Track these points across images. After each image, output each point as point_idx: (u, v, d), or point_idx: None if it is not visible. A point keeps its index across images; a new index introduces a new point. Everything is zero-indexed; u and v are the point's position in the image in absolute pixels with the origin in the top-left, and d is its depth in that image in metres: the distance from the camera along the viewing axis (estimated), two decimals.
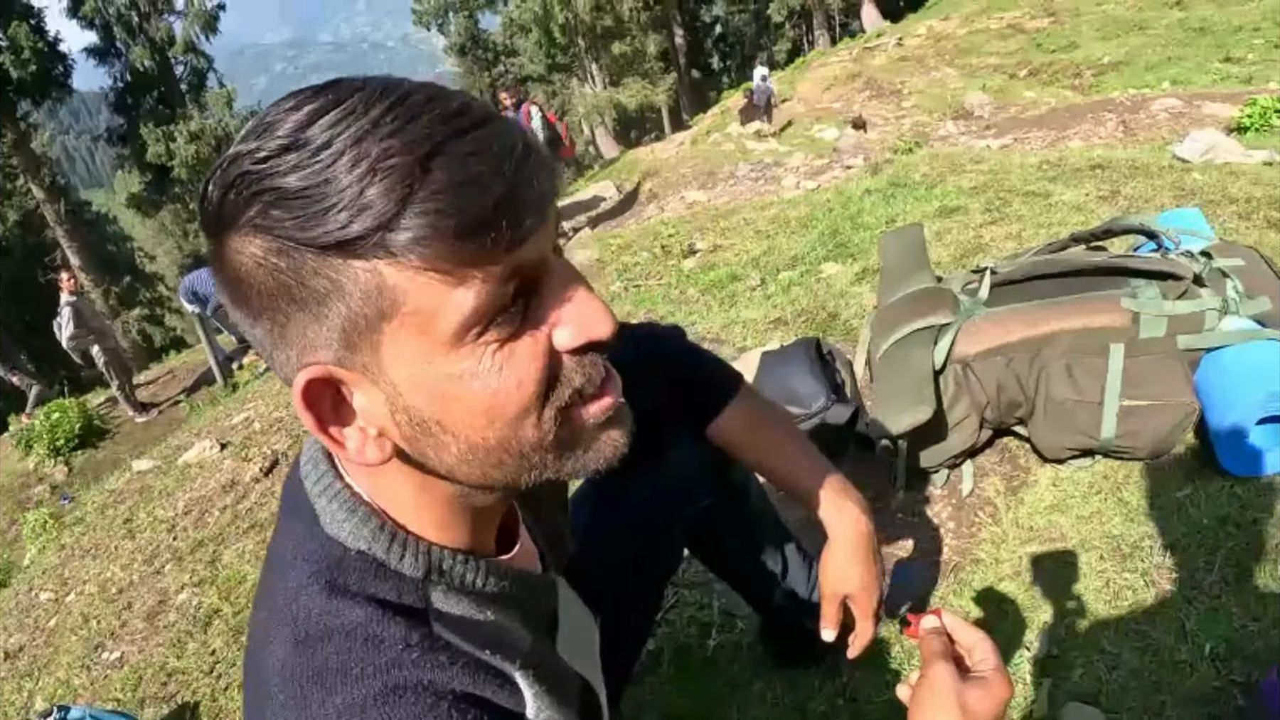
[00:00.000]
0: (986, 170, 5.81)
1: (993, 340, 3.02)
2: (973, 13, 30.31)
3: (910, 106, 20.17)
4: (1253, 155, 5.76)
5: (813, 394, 3.33)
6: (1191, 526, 2.64)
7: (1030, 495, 2.99)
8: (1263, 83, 13.00)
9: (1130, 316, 2.92)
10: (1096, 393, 2.91)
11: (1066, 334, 2.95)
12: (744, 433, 1.82)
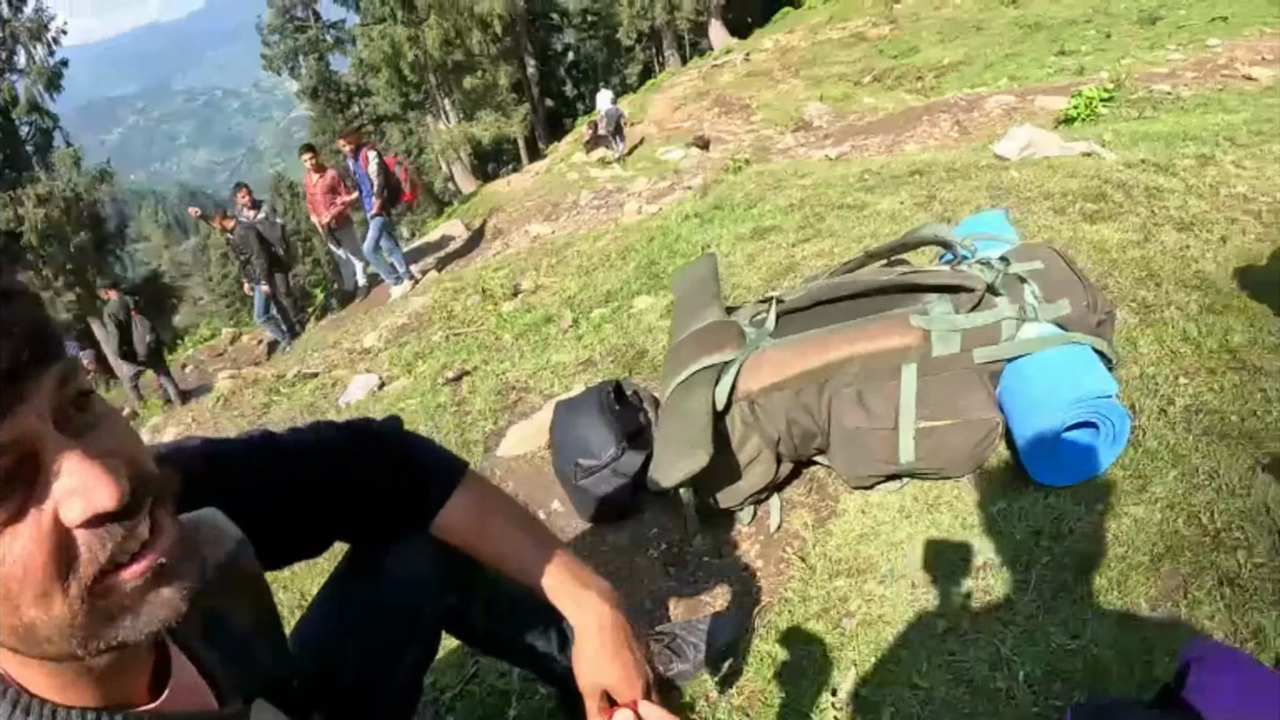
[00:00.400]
0: (809, 185, 5.65)
1: (778, 373, 2.83)
2: (817, 24, 30.76)
3: (758, 120, 20.26)
4: (1072, 148, 5.69)
5: (603, 443, 3.19)
6: (1005, 544, 2.57)
7: (839, 526, 2.86)
8: (1094, 72, 13.22)
9: (921, 334, 2.75)
10: (890, 417, 2.74)
11: (855, 359, 2.78)
12: (468, 527, 1.69)
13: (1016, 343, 2.76)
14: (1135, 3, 19.88)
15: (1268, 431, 2.82)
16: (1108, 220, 4.44)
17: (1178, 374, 3.17)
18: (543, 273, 6.56)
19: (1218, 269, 3.93)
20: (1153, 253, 4.09)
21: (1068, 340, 2.76)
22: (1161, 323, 3.49)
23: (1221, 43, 14.22)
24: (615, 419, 3.25)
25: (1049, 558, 2.48)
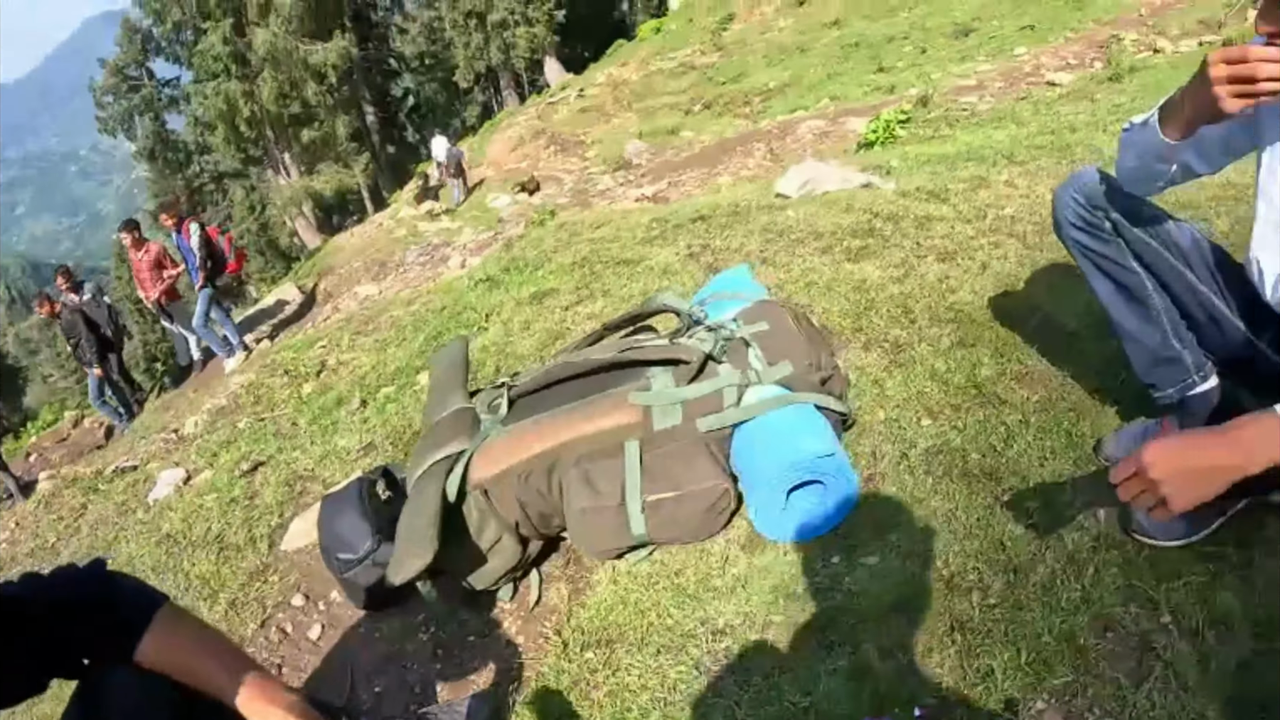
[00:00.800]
0: (598, 238, 5.64)
1: (506, 461, 2.83)
2: (648, 55, 31.03)
3: (592, 156, 20.37)
4: (851, 180, 5.75)
5: (359, 537, 3.14)
6: (744, 604, 2.58)
7: (593, 596, 2.86)
8: (904, 89, 13.53)
9: (641, 411, 2.78)
10: (617, 494, 2.76)
11: (579, 441, 2.80)
12: (166, 657, 1.83)
13: (740, 409, 2.79)
14: (950, 17, 20.39)
15: (1007, 467, 2.87)
16: (871, 257, 4.50)
17: (922, 415, 3.21)
18: (345, 347, 6.46)
19: (975, 298, 4.00)
20: (911, 288, 4.14)
21: (791, 401, 2.78)
22: (911, 361, 3.53)
23: (1028, 51, 14.67)
24: (373, 511, 3.21)
25: (785, 616, 2.50)
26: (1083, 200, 2.57)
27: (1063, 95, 10.02)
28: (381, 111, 51.24)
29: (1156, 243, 2.57)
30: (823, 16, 25.18)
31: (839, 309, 3.99)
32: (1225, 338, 2.61)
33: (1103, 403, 3.09)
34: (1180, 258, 2.61)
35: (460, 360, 3.42)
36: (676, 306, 3.12)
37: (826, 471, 2.64)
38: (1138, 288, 2.60)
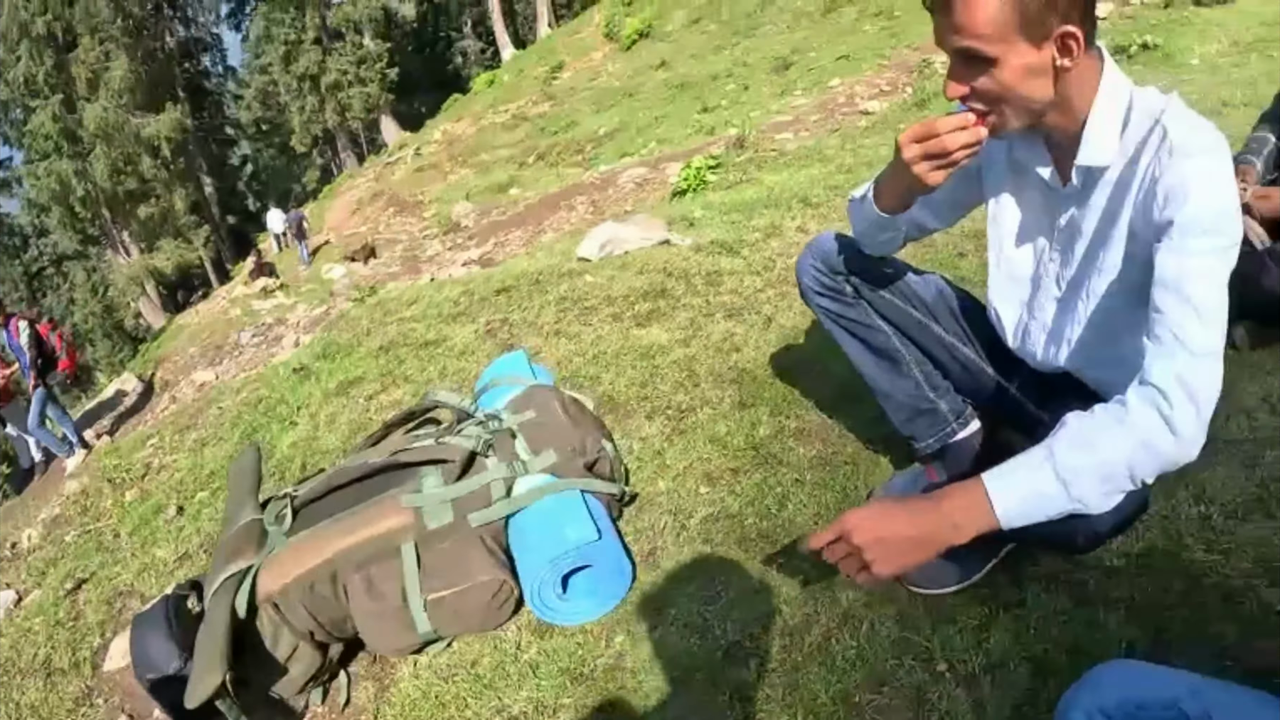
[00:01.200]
0: (408, 317, 5.64)
1: (291, 572, 2.81)
2: (480, 110, 31.02)
3: (430, 216, 20.27)
4: (650, 238, 5.83)
5: (166, 657, 3.05)
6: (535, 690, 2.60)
7: (398, 693, 2.83)
8: (724, 130, 13.68)
9: (413, 513, 2.81)
10: (398, 595, 2.77)
11: (357, 547, 2.80)
12: None
13: (509, 501, 2.85)
14: (771, 51, 20.68)
15: (783, 528, 2.95)
16: (660, 320, 4.60)
17: (700, 482, 3.27)
18: (169, 447, 6.35)
19: (758, 354, 4.10)
20: (697, 349, 4.23)
21: (558, 489, 2.85)
22: (692, 427, 3.60)
23: (842, 81, 14.95)
24: (180, 629, 3.16)
25: (573, 699, 2.52)
26: (822, 267, 2.65)
27: (870, 127, 10.27)
28: (220, 182, 50.51)
29: (899, 299, 2.66)
30: (650, 59, 25.41)
31: (625, 379, 4.07)
32: (979, 383, 2.71)
33: (877, 453, 3.19)
34: (925, 311, 2.70)
35: (251, 469, 3.42)
36: (448, 402, 3.19)
37: (593, 557, 2.71)
38: (886, 345, 2.69)
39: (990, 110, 1.91)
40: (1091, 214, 2.09)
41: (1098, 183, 2.04)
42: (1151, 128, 1.93)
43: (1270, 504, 2.74)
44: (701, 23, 25.59)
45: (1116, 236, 2.05)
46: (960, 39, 1.82)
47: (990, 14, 1.81)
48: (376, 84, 48.17)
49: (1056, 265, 2.25)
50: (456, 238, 12.70)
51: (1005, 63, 1.85)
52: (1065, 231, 2.18)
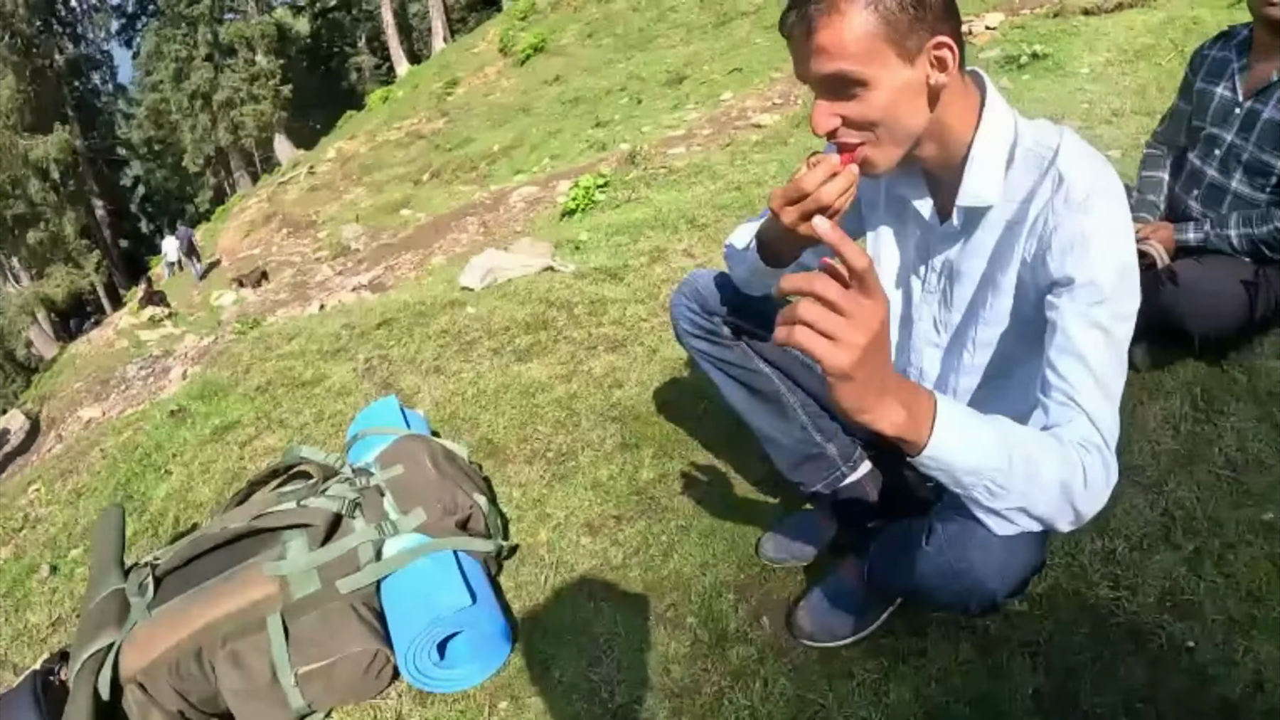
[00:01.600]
0: (288, 353, 5.47)
1: (154, 650, 2.68)
2: (375, 127, 30.73)
3: (324, 237, 20.01)
4: (533, 265, 5.76)
5: None
6: None
7: None
8: (616, 145, 13.62)
9: (278, 582, 2.69)
10: (267, 671, 2.65)
11: (221, 621, 2.68)
12: None
13: (378, 564, 2.74)
14: (664, 65, 20.68)
15: (670, 580, 2.90)
16: (541, 355, 4.52)
17: (582, 533, 3.20)
18: (45, 498, 6.10)
19: (641, 391, 4.03)
20: (578, 386, 4.16)
21: (430, 549, 2.75)
22: (573, 472, 3.53)
23: (734, 95, 14.98)
24: (49, 705, 3.02)
25: None
26: (696, 307, 2.56)
27: (761, 141, 10.25)
28: (111, 204, 49.50)
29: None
30: (544, 74, 25.34)
31: (505, 420, 3.99)
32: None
33: (766, 495, 3.17)
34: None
35: (114, 532, 3.26)
36: (312, 459, 3.08)
37: (467, 623, 2.62)
38: (769, 388, 2.60)
39: (864, 141, 1.80)
40: (974, 256, 2.01)
41: (981, 222, 1.97)
42: (1046, 169, 1.84)
43: (1175, 533, 2.74)
44: (596, 37, 25.57)
45: (1005, 285, 1.97)
46: (828, 63, 1.71)
47: (858, 31, 1.69)
48: (270, 101, 47.59)
49: (934, 308, 2.18)
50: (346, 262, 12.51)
51: (878, 83, 1.74)
52: (944, 272, 2.10)
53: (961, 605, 1.94)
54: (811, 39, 1.71)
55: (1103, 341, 1.79)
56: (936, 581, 1.89)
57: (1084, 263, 1.78)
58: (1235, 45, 3.64)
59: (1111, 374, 1.80)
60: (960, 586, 1.85)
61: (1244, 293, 3.37)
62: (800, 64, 1.76)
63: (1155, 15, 10.89)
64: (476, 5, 53.16)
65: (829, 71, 1.72)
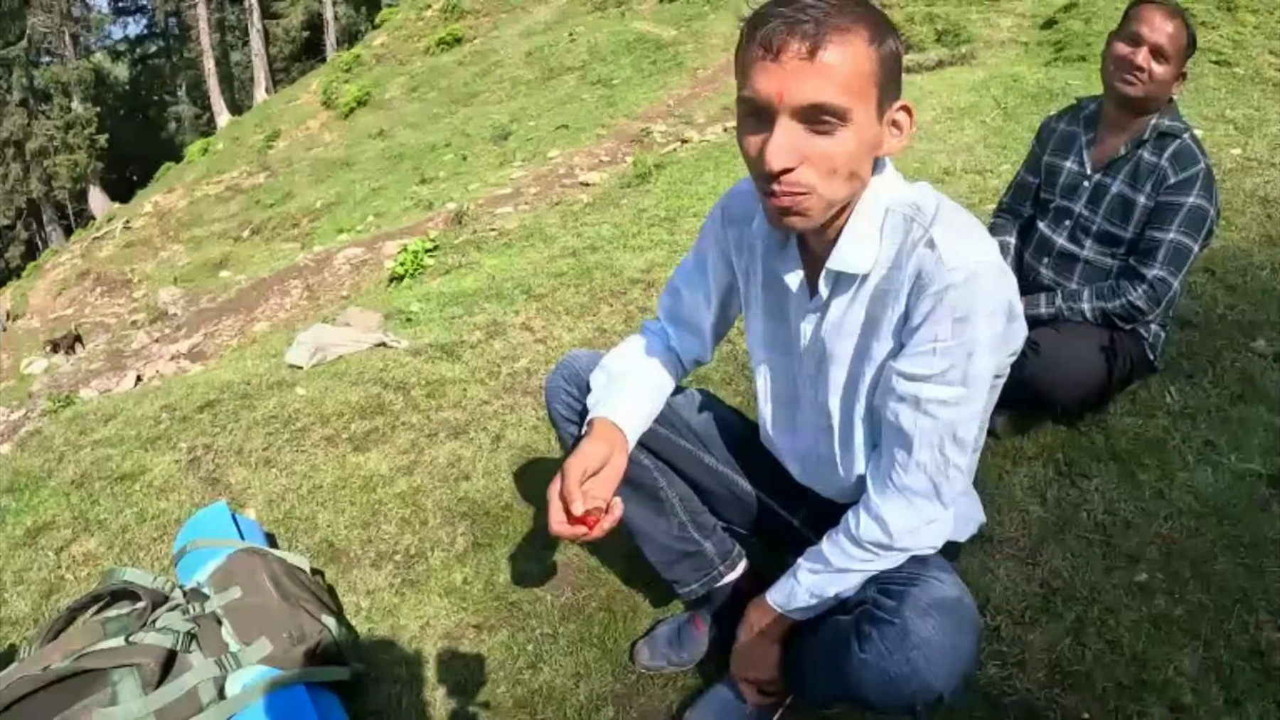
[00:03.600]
0: (105, 439, 5.13)
1: None
2: (194, 181, 29.99)
3: (140, 298, 19.38)
4: (364, 340, 5.55)
5: None
6: None
7: None
8: (442, 204, 13.49)
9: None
10: None
11: None
12: None
13: (221, 705, 2.50)
14: (490, 120, 20.57)
15: (541, 695, 2.78)
16: (380, 443, 4.33)
17: (441, 645, 3.05)
18: None
19: (489, 482, 3.90)
20: (421, 479, 3.99)
21: (278, 684, 2.54)
22: (425, 576, 3.37)
23: (561, 152, 14.97)
24: None
25: None
26: (575, 391, 2.46)
27: (591, 203, 10.23)
28: None
29: (664, 426, 2.48)
30: (368, 128, 25.06)
31: (345, 519, 3.78)
32: (757, 516, 2.57)
33: (635, 593, 3.08)
34: (694, 439, 2.54)
35: None
36: (138, 583, 2.85)
37: None
38: (647, 481, 2.50)
39: (808, 193, 1.69)
40: (846, 328, 1.96)
41: (851, 291, 1.91)
42: (921, 236, 1.79)
43: (1055, 604, 2.78)
44: (421, 90, 25.42)
45: (878, 355, 1.93)
46: (824, 88, 1.60)
47: (860, 63, 1.62)
48: (85, 151, 46.07)
49: (813, 389, 2.13)
50: (164, 328, 12.04)
51: (856, 128, 1.65)
52: (816, 347, 2.05)
53: (906, 708, 1.87)
54: (815, 57, 1.60)
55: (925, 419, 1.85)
56: (879, 690, 1.84)
57: (929, 336, 1.79)
58: (1083, 119, 3.81)
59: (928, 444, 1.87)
60: (907, 691, 1.80)
61: (1103, 359, 3.54)
62: (779, 81, 1.63)
63: (976, 73, 11.25)
64: (300, 55, 52.60)
65: (820, 99, 1.62)
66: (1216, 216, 3.57)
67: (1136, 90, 3.51)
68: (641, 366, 2.39)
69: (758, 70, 1.64)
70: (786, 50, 1.60)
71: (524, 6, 28.90)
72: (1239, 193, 6.25)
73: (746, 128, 1.73)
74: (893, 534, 1.92)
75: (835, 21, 1.60)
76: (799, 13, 1.60)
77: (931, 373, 1.79)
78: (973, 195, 7.02)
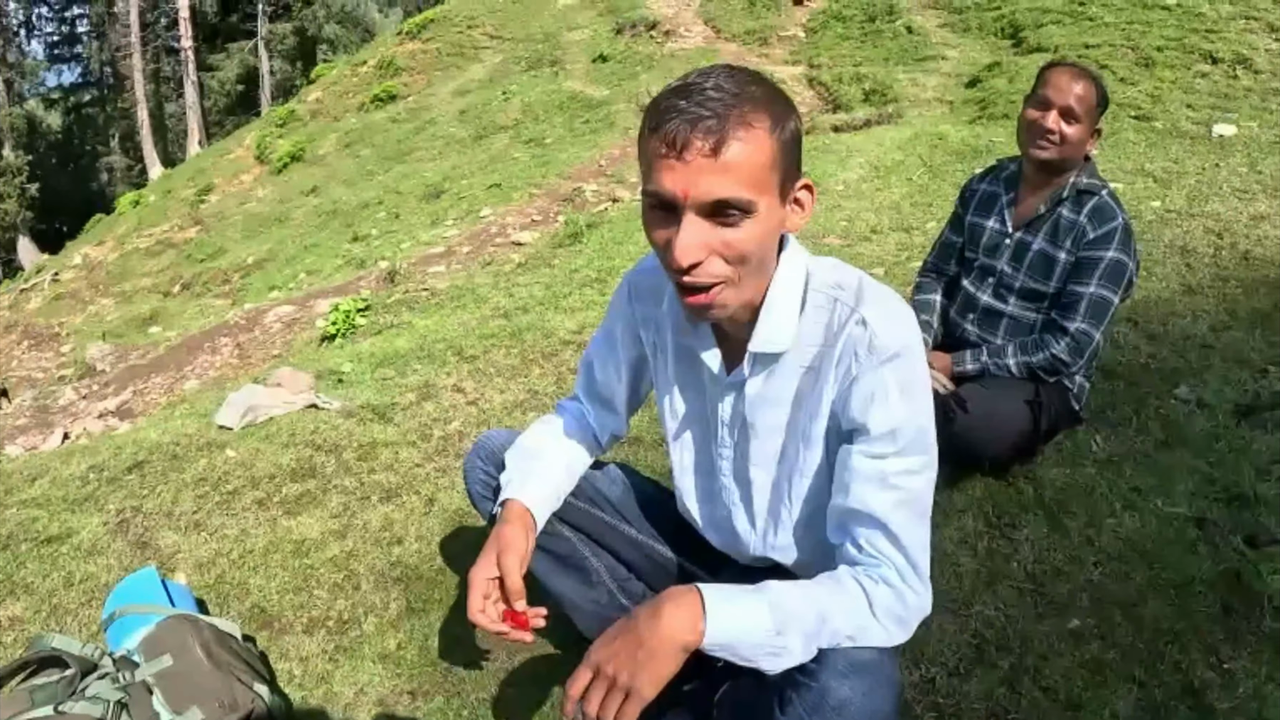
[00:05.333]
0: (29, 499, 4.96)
1: None
2: (124, 234, 29.61)
3: (68, 352, 19.05)
4: (295, 401, 5.52)
5: None
6: None
7: None
8: (375, 262, 13.44)
9: None
10: None
11: None
12: None
13: None
14: (422, 179, 20.50)
15: None
16: (311, 506, 4.32)
17: (371, 711, 3.06)
18: None
19: (422, 546, 3.92)
20: (354, 543, 3.99)
21: None
22: (359, 643, 3.36)
23: (494, 211, 14.92)
24: None
25: None
26: (493, 469, 2.51)
27: (523, 263, 10.26)
28: None
29: (582, 501, 2.53)
30: (301, 184, 24.91)
31: (277, 584, 3.77)
32: (678, 579, 2.61)
33: (571, 659, 3.06)
34: (612, 511, 2.59)
35: None
36: (67, 650, 2.85)
37: None
38: (572, 553, 2.55)
39: (721, 282, 1.75)
40: (771, 406, 2.03)
41: (774, 370, 1.98)
42: (849, 315, 1.87)
43: (989, 653, 2.83)
44: (354, 147, 25.36)
45: (815, 435, 1.99)
46: (727, 185, 1.66)
47: (763, 156, 1.68)
48: (15, 200, 45.48)
49: (734, 459, 2.19)
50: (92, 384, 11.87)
51: (761, 216, 1.71)
52: (736, 425, 2.11)
53: None
54: (719, 155, 1.64)
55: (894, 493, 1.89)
56: None
57: (883, 413, 1.85)
58: (1003, 180, 3.95)
59: (902, 518, 1.90)
60: None
61: (1029, 413, 3.68)
62: (684, 179, 1.68)
63: (903, 131, 11.46)
64: (234, 109, 52.38)
65: (725, 195, 1.67)
66: (1136, 269, 3.77)
67: (1050, 154, 3.67)
68: (555, 445, 2.45)
69: (661, 167, 1.70)
70: (690, 149, 1.65)
71: (458, 65, 28.99)
72: (1159, 244, 6.47)
73: (653, 220, 1.79)
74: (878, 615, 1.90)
75: (737, 115, 1.66)
76: (700, 107, 1.66)
77: (894, 449, 1.86)
78: (900, 253, 7.16)
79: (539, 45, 27.45)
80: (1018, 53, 14.86)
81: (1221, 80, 11.28)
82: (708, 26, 25.60)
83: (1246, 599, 3.07)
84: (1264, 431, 4.10)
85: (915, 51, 17.56)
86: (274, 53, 55.27)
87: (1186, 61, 11.88)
